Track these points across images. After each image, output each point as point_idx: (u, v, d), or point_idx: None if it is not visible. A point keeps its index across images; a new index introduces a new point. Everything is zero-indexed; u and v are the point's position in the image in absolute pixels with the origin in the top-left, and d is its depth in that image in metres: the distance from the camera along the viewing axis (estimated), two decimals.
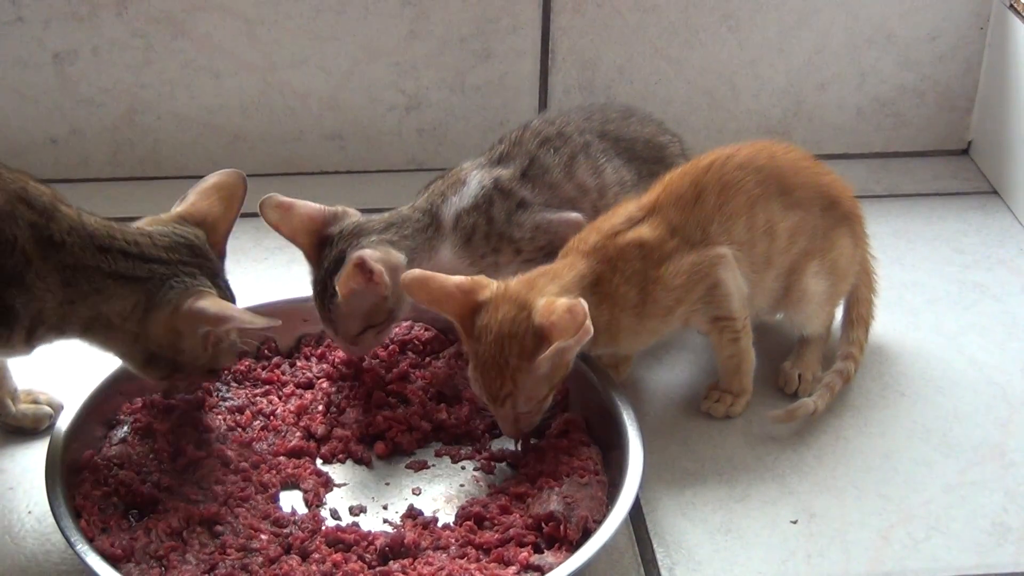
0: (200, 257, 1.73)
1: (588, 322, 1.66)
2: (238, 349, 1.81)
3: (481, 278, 1.76)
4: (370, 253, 1.80)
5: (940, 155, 2.64)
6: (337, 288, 1.79)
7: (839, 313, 2.04)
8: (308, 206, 1.90)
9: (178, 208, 1.78)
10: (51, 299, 1.63)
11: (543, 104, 2.52)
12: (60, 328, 1.67)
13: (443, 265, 1.90)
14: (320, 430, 1.86)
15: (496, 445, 1.87)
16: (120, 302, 1.66)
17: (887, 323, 2.10)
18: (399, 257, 1.85)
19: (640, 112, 2.12)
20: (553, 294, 1.73)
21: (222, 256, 1.79)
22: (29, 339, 1.66)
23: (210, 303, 1.67)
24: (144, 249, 1.69)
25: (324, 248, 1.88)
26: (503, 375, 1.73)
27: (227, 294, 1.75)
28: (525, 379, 1.72)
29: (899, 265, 2.27)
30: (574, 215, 1.94)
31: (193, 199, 1.79)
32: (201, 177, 1.83)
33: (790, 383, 1.97)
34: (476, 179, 1.95)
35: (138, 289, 1.66)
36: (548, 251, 1.89)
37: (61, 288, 1.63)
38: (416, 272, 1.77)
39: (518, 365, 1.71)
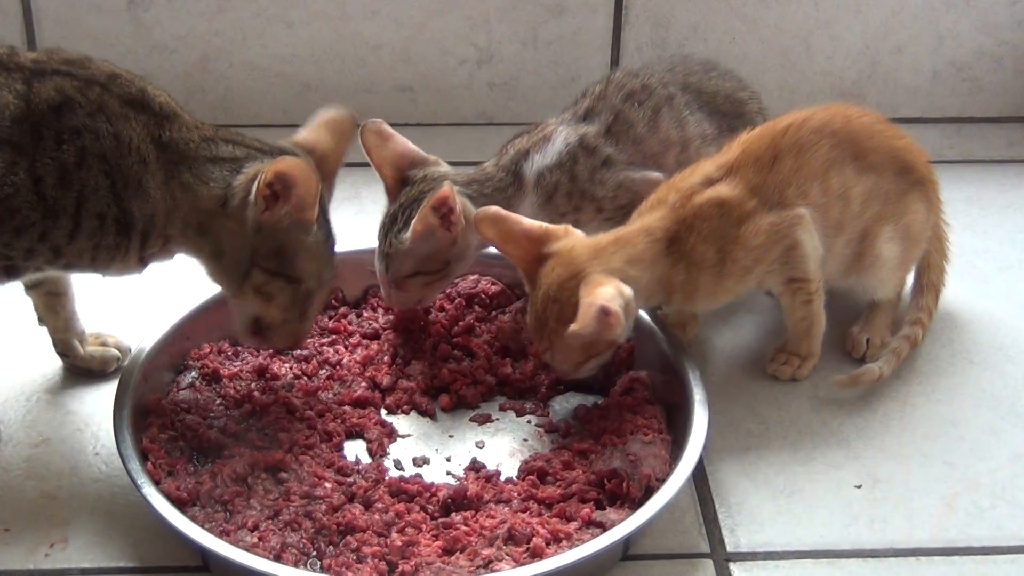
0: None
1: (620, 330, 1.67)
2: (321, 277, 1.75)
3: (558, 228, 1.76)
4: (453, 192, 1.81)
5: (1015, 121, 2.61)
6: (414, 222, 1.79)
7: (909, 279, 2.02)
8: (404, 144, 1.93)
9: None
10: (160, 198, 1.64)
11: (615, 60, 2.50)
12: (166, 233, 1.67)
13: None
14: (385, 381, 1.87)
15: (558, 403, 1.87)
16: (213, 185, 1.65)
17: (957, 290, 2.08)
18: (472, 213, 1.85)
19: (721, 66, 2.10)
20: (621, 263, 1.73)
21: (328, 192, 1.78)
22: (143, 246, 1.66)
23: (291, 165, 1.62)
24: (246, 139, 1.70)
25: (404, 186, 1.89)
26: (543, 331, 1.74)
27: (325, 225, 1.73)
28: (560, 343, 1.73)
29: (971, 232, 2.25)
30: (656, 174, 1.93)
31: (304, 132, 1.79)
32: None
33: (858, 347, 1.96)
34: (562, 136, 1.94)
35: (230, 167, 1.66)
36: (629, 210, 1.87)
37: (166, 184, 1.64)
38: (491, 209, 1.77)
39: (555, 329, 1.72)
